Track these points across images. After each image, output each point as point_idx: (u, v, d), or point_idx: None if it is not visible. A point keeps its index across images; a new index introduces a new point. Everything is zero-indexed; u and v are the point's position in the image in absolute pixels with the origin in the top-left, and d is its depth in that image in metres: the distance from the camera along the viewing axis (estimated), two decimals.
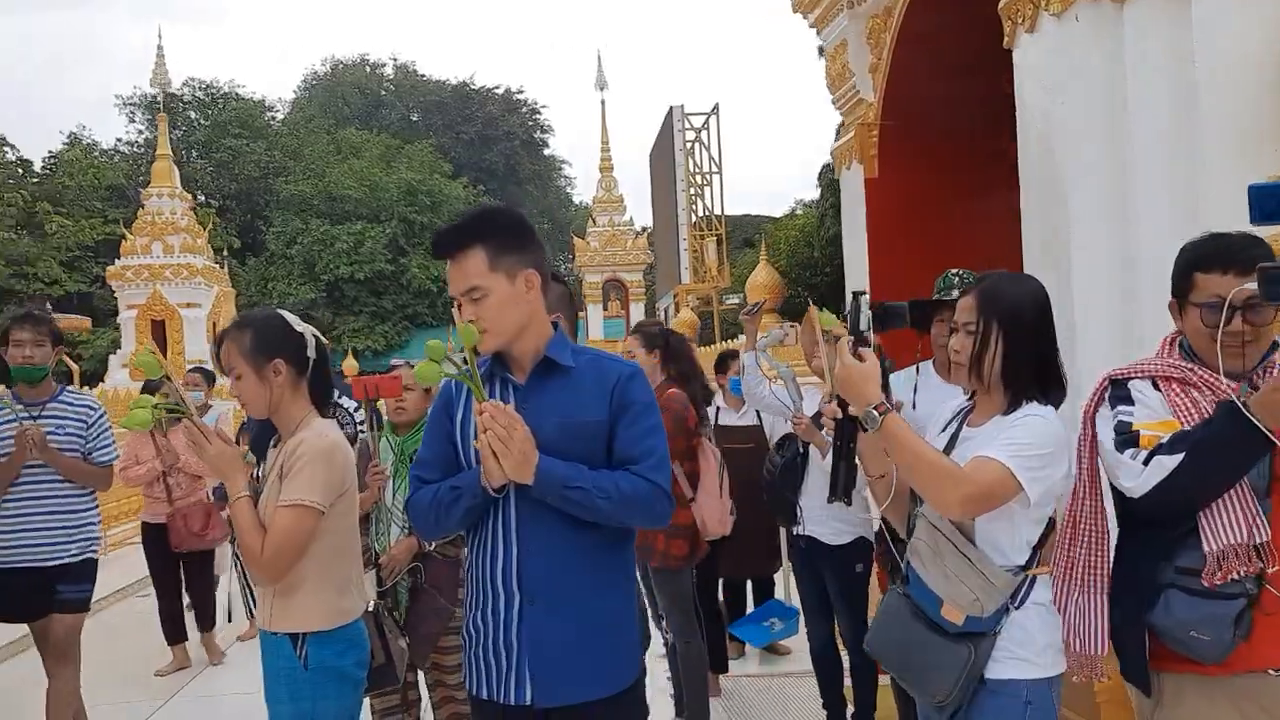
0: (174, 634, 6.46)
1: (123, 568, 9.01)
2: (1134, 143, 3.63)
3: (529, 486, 2.21)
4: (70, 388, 4.79)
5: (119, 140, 39.46)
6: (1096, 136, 3.76)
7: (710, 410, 5.70)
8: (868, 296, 2.42)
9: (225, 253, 25.17)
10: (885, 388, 2.61)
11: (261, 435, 2.71)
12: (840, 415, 2.25)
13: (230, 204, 36.87)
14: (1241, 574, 2.05)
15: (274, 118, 43.11)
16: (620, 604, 2.35)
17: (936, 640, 2.22)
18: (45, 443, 4.36)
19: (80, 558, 4.49)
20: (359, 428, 3.76)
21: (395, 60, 49.83)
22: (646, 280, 30.00)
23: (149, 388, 5.58)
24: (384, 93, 48.08)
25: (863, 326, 2.33)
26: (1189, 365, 2.20)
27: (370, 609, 3.09)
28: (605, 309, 27.83)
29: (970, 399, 2.39)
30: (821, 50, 7.16)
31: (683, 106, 21.59)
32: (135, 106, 38.71)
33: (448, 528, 2.37)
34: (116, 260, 17.44)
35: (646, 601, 4.96)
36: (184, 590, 6.60)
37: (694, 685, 4.68)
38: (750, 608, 6.09)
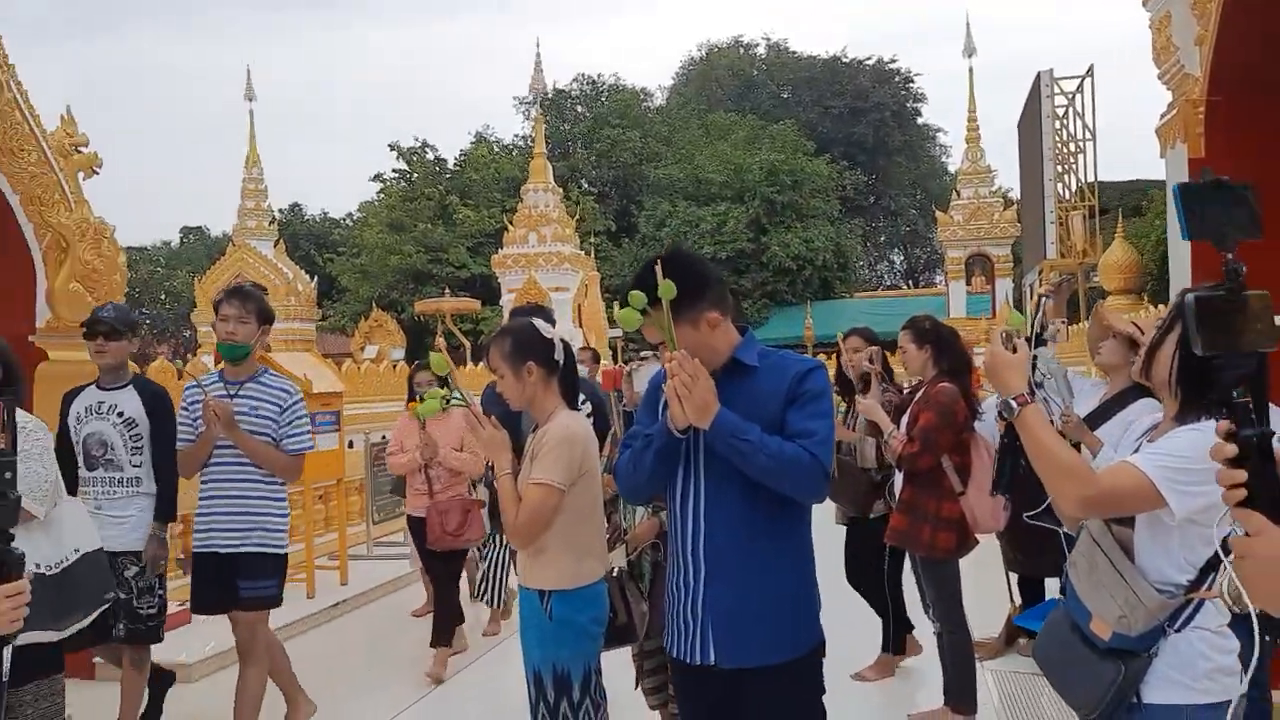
0: (437, 636, 5.99)
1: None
2: None
3: (715, 472, 2.52)
4: (272, 370, 4.62)
5: (515, 136, 43.82)
6: None
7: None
8: (1050, 301, 2.56)
9: (593, 238, 27.22)
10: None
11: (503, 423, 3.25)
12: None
13: (609, 190, 39.67)
14: None
15: (649, 106, 45.59)
16: (795, 576, 2.60)
17: (1087, 654, 2.22)
18: (231, 420, 4.17)
19: (257, 550, 4.30)
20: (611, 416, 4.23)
21: (768, 39, 50.68)
22: (1016, 254, 28.49)
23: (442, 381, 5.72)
24: (755, 73, 49.04)
25: (1041, 329, 2.43)
26: None
27: (615, 575, 3.57)
28: (969, 285, 26.83)
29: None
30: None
31: (1051, 71, 20.19)
32: (530, 104, 42.75)
33: (642, 476, 2.64)
34: (500, 249, 19.70)
35: (918, 590, 5.08)
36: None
37: (960, 673, 4.76)
38: None
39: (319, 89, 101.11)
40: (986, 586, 6.23)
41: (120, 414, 4.49)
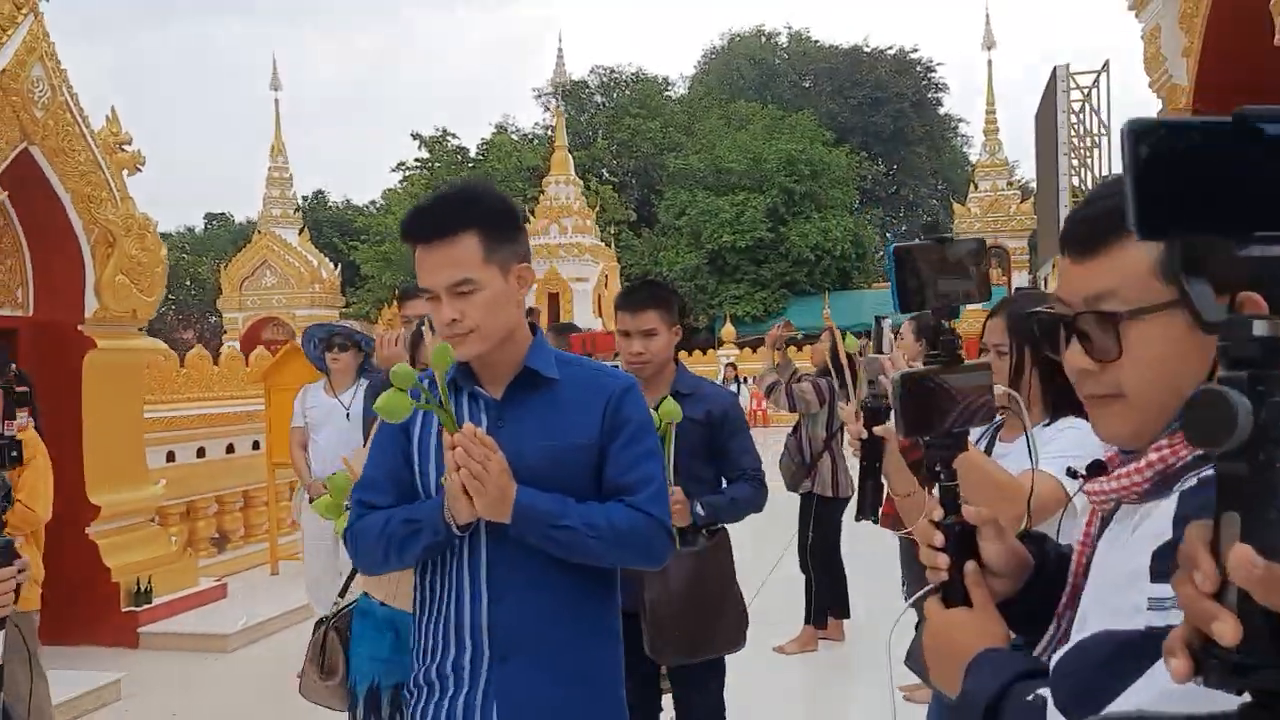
0: None
1: None
2: None
3: (504, 524, 1.91)
4: None
5: (536, 124, 44.14)
6: None
7: None
8: (890, 321, 2.34)
9: (612, 227, 27.48)
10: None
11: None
12: (865, 435, 2.10)
13: (629, 179, 39.90)
14: None
15: (669, 96, 45.73)
16: (607, 655, 2.10)
17: None
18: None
19: None
20: None
21: (790, 29, 50.63)
22: (1033, 246, 28.63)
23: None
24: (777, 62, 49.01)
25: (885, 350, 2.25)
26: None
27: None
28: None
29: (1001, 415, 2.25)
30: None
31: (1068, 66, 20.33)
32: (550, 95, 43.04)
33: (401, 564, 2.06)
34: None
35: (902, 573, 5.36)
36: None
37: None
38: None
39: (346, 78, 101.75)
40: None
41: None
